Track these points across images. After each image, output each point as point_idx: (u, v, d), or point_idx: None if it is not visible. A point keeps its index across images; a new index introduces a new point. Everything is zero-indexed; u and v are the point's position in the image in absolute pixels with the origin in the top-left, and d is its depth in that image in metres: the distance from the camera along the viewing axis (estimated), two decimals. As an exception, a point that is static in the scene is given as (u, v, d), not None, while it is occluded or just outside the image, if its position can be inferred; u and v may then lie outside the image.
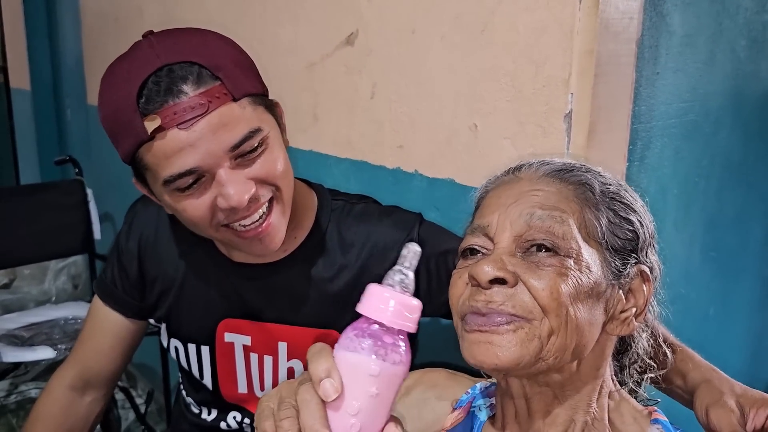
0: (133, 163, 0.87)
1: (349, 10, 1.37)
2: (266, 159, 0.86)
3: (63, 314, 2.39)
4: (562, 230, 0.62)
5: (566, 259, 0.61)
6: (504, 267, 0.61)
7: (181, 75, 0.80)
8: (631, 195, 0.69)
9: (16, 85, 3.71)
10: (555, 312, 0.60)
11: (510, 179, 0.69)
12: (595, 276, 0.62)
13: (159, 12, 2.18)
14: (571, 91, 0.99)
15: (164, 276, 1.06)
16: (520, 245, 0.63)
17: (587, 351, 0.63)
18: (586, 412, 0.66)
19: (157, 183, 0.85)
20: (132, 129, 0.81)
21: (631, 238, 0.66)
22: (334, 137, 1.45)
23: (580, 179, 0.66)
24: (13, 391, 2.60)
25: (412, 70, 1.25)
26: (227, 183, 0.82)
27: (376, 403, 0.51)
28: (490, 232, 0.65)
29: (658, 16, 1.08)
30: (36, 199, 2.52)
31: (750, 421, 0.70)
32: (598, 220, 0.64)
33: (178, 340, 1.09)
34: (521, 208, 0.64)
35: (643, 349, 0.71)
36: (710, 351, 0.85)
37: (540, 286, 0.60)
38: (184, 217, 0.88)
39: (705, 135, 1.26)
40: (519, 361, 0.60)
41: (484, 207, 0.68)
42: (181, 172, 0.82)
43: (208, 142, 0.81)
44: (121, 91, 0.82)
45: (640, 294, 0.66)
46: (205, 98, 0.80)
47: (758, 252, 1.51)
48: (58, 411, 1.10)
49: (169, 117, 0.79)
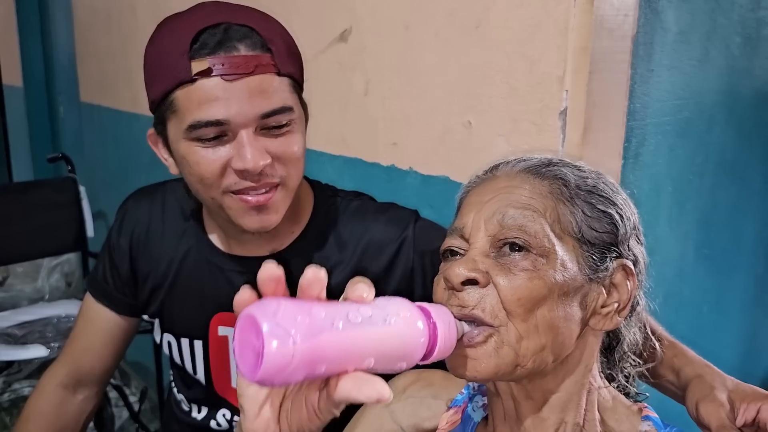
0: (161, 106, 0.87)
1: (343, 7, 1.36)
2: (288, 140, 0.88)
3: (56, 312, 2.38)
4: (534, 228, 0.61)
5: (539, 258, 0.61)
6: (476, 267, 0.61)
7: (237, 35, 0.84)
8: (610, 188, 0.68)
9: (8, 82, 3.69)
10: (520, 317, 0.60)
11: (488, 178, 0.69)
12: (571, 273, 0.62)
13: (151, 9, 2.17)
14: (566, 88, 0.99)
15: (157, 271, 1.06)
16: (494, 244, 0.63)
17: (568, 347, 0.63)
18: (576, 412, 0.66)
19: (180, 128, 0.86)
20: (175, 69, 0.83)
21: (610, 231, 0.65)
22: (328, 134, 1.45)
23: (555, 173, 0.66)
24: (6, 390, 2.59)
25: (406, 66, 1.25)
26: (247, 145, 0.84)
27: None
28: (465, 233, 0.65)
29: (652, 13, 1.08)
30: (29, 196, 2.51)
31: (740, 415, 0.70)
32: (572, 215, 0.64)
33: (171, 335, 1.08)
34: (495, 207, 0.64)
35: (630, 343, 0.71)
36: (704, 348, 0.85)
37: (508, 288, 0.60)
38: (194, 171, 0.87)
39: (699, 132, 1.26)
40: (496, 371, 0.60)
41: (462, 208, 0.68)
42: (209, 120, 0.83)
43: (244, 101, 0.83)
44: (176, 34, 0.84)
45: (623, 288, 0.65)
46: (254, 62, 0.83)
47: (752, 249, 1.51)
48: (50, 409, 1.10)
49: (217, 65, 0.82)
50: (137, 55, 0.91)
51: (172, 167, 0.93)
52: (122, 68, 2.46)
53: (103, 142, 2.78)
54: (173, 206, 1.06)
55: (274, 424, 0.54)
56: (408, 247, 0.99)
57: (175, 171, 0.93)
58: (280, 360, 0.44)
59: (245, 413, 0.54)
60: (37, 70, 3.37)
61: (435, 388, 0.78)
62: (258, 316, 0.45)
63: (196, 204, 1.05)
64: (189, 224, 1.04)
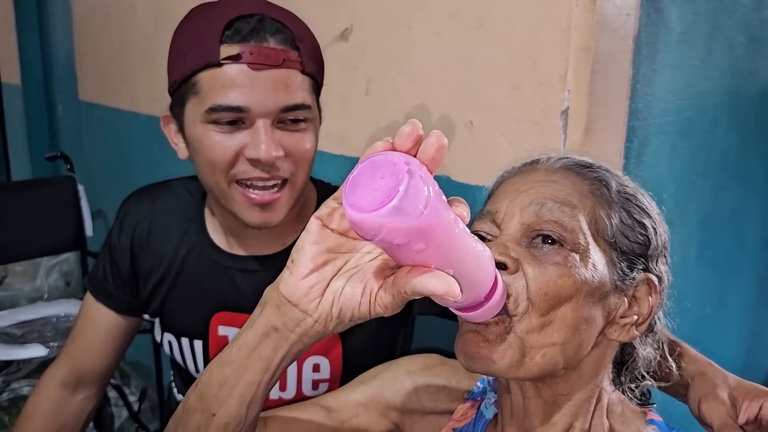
0: (183, 86, 0.88)
1: (344, 5, 1.36)
2: (302, 136, 0.89)
3: (55, 312, 2.38)
4: (571, 224, 0.60)
5: (572, 253, 0.60)
6: (506, 252, 0.60)
7: (271, 27, 0.86)
8: (648, 201, 0.68)
9: (6, 80, 3.68)
10: (541, 311, 0.58)
11: (526, 169, 0.68)
12: (600, 275, 0.61)
13: (150, 7, 2.16)
14: (568, 88, 0.99)
15: (158, 269, 1.05)
16: (527, 234, 0.61)
17: (583, 350, 0.62)
18: (585, 418, 0.66)
19: (199, 110, 0.87)
20: (204, 51, 0.84)
21: (642, 242, 0.64)
22: (329, 133, 1.44)
23: (598, 176, 0.65)
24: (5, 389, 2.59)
25: (408, 65, 1.24)
26: (263, 134, 0.85)
27: None
28: (497, 218, 0.64)
29: (655, 13, 1.07)
30: (27, 195, 2.50)
31: (743, 412, 0.70)
32: (609, 219, 0.63)
33: (172, 334, 1.08)
34: (533, 197, 0.62)
35: (644, 359, 0.70)
36: (706, 348, 0.84)
37: (537, 280, 0.59)
38: (207, 154, 0.88)
39: (702, 132, 1.26)
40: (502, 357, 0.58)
41: (497, 194, 0.67)
42: (231, 105, 0.84)
43: (267, 92, 0.84)
44: (210, 19, 0.86)
45: (645, 303, 0.64)
46: (282, 55, 0.85)
47: (754, 250, 1.51)
48: (50, 408, 1.10)
49: (246, 53, 0.83)
50: (136, 53, 0.90)
51: (181, 151, 0.94)
52: (121, 67, 2.45)
53: (102, 141, 2.77)
54: (175, 205, 1.06)
55: (319, 292, 0.52)
56: None
57: (183, 155, 0.94)
58: (412, 204, 0.42)
59: (294, 267, 0.52)
60: (36, 69, 3.35)
61: (459, 376, 0.78)
62: (403, 160, 0.44)
63: (199, 203, 1.05)
64: (191, 223, 1.04)
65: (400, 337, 1.07)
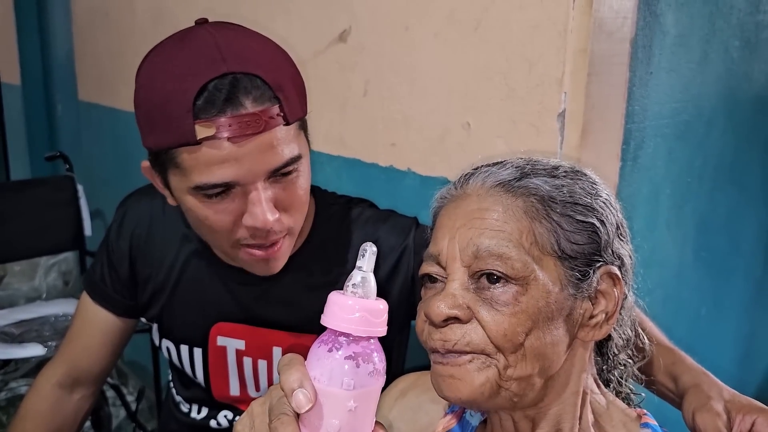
0: (161, 155, 0.84)
1: (342, 7, 1.36)
2: (295, 184, 0.86)
3: (53, 311, 2.37)
4: (512, 254, 0.59)
5: (519, 286, 0.59)
6: (456, 303, 0.60)
7: (245, 87, 0.79)
8: (588, 191, 0.64)
9: (6, 80, 3.68)
10: (509, 350, 0.59)
11: (459, 195, 0.66)
12: (554, 296, 0.60)
13: (150, 7, 2.17)
14: (565, 90, 0.99)
15: (157, 276, 1.05)
16: (472, 276, 0.61)
17: (555, 367, 0.62)
18: (572, 423, 0.66)
19: (184, 185, 0.84)
20: (179, 128, 0.79)
21: (592, 241, 0.63)
22: (327, 135, 1.44)
23: (528, 188, 0.62)
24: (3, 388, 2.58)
25: (405, 67, 1.25)
26: (257, 203, 0.82)
27: (356, 417, 0.49)
28: (441, 261, 0.63)
29: (651, 16, 1.08)
30: (26, 195, 2.50)
31: (736, 426, 0.71)
32: (550, 232, 0.61)
33: (170, 341, 1.08)
34: (468, 235, 0.61)
35: (621, 345, 0.70)
36: (701, 351, 0.85)
37: (493, 324, 0.59)
38: (204, 224, 0.86)
39: (698, 135, 1.26)
40: (481, 391, 0.59)
41: (437, 230, 0.66)
42: (217, 182, 0.81)
43: (253, 160, 0.80)
44: (178, 84, 0.79)
45: (610, 296, 0.63)
46: (263, 117, 0.79)
47: (749, 253, 1.52)
48: (47, 408, 1.09)
49: (224, 128, 0.78)
50: (136, 53, 0.90)
51: (170, 199, 0.91)
52: (121, 67, 2.45)
53: (101, 141, 2.77)
54: (174, 209, 1.06)
55: None
56: (408, 256, 0.99)
57: (173, 203, 0.91)
58: None
59: None
60: (35, 68, 3.35)
61: (434, 392, 0.78)
62: None
63: None
64: (190, 230, 1.03)
65: (395, 344, 1.07)
